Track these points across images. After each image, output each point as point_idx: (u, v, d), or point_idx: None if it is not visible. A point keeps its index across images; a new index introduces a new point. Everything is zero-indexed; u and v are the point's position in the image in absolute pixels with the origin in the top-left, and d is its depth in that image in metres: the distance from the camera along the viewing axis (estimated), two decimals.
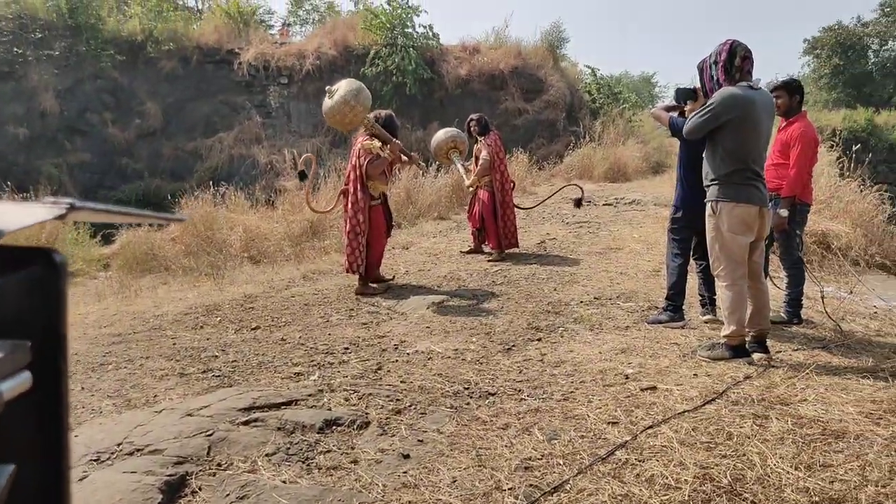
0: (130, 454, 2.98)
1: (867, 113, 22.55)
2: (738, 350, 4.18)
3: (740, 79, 4.08)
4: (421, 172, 11.07)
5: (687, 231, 5.12)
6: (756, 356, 4.17)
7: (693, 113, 4.26)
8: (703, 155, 4.34)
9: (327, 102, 6.21)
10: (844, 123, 21.37)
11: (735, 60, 4.06)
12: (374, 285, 6.58)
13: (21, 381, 0.54)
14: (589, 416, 3.29)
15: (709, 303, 5.19)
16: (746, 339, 4.25)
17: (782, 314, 5.25)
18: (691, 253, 5.25)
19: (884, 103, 26.52)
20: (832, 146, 11.89)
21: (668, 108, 5.05)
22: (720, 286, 4.30)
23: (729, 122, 4.07)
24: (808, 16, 77.22)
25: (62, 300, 0.58)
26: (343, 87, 6.16)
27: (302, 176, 6.74)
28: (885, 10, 28.49)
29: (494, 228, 7.85)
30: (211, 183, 12.09)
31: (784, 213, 5.00)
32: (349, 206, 6.40)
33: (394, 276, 7.05)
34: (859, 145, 10.54)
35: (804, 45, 29.51)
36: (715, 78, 4.15)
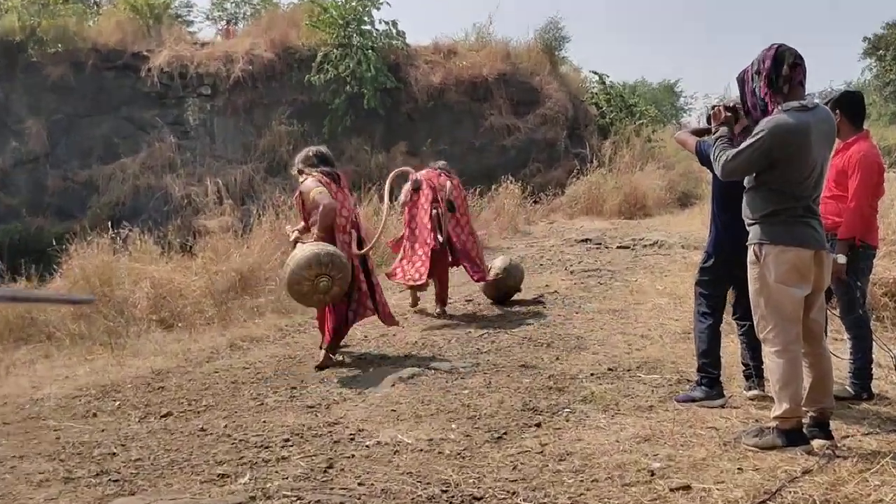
0: None
1: None
2: (793, 436, 4.14)
3: (789, 93, 4.09)
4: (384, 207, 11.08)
5: (719, 285, 5.19)
6: (816, 443, 4.14)
7: (734, 148, 4.25)
8: (744, 188, 4.38)
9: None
10: None
11: (782, 69, 4.07)
12: (335, 357, 6.66)
13: None
14: None
15: (754, 374, 5.19)
16: (804, 420, 4.23)
17: (847, 388, 5.25)
18: (732, 312, 5.30)
19: None
20: None
21: (698, 132, 5.13)
22: (768, 353, 4.28)
23: (778, 159, 4.09)
24: (867, 9, 78.56)
25: None
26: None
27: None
28: None
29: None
30: (109, 223, 11.97)
31: (842, 258, 5.02)
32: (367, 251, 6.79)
33: (346, 344, 7.08)
34: None
35: (864, 45, 30.30)
36: (758, 92, 4.19)
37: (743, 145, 4.20)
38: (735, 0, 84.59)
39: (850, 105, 5.25)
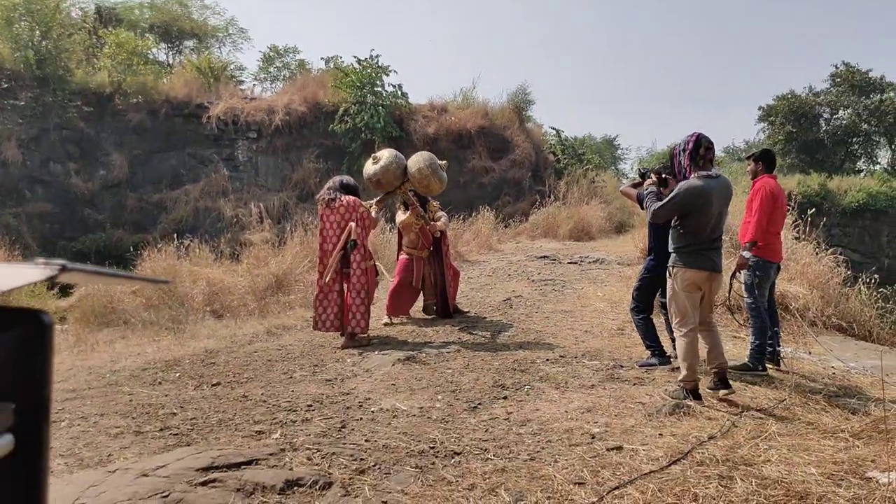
0: None
1: (820, 178, 23.35)
2: (692, 392, 4.65)
3: (703, 165, 4.71)
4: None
5: (651, 292, 5.73)
6: (721, 392, 4.65)
7: (661, 200, 4.86)
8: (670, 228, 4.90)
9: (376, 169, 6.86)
10: (799, 188, 22.08)
11: (700, 150, 4.70)
12: (365, 335, 6.61)
13: (2, 445, 0.51)
14: (555, 477, 3.26)
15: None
16: (703, 381, 4.76)
17: (747, 361, 5.57)
18: (661, 306, 5.68)
19: (835, 169, 27.42)
20: (790, 208, 12.26)
21: (635, 185, 5.74)
22: (677, 336, 4.84)
23: (689, 210, 4.69)
24: (762, 84, 79.85)
25: (48, 362, 0.55)
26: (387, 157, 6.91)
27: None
28: (836, 81, 29.68)
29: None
30: (175, 235, 11.96)
31: (746, 254, 5.58)
32: (355, 265, 6.49)
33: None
34: (814, 209, 10.81)
35: (759, 113, 30.52)
36: (683, 163, 4.79)
37: (666, 199, 4.79)
38: (662, 76, 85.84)
39: (765, 156, 5.88)
